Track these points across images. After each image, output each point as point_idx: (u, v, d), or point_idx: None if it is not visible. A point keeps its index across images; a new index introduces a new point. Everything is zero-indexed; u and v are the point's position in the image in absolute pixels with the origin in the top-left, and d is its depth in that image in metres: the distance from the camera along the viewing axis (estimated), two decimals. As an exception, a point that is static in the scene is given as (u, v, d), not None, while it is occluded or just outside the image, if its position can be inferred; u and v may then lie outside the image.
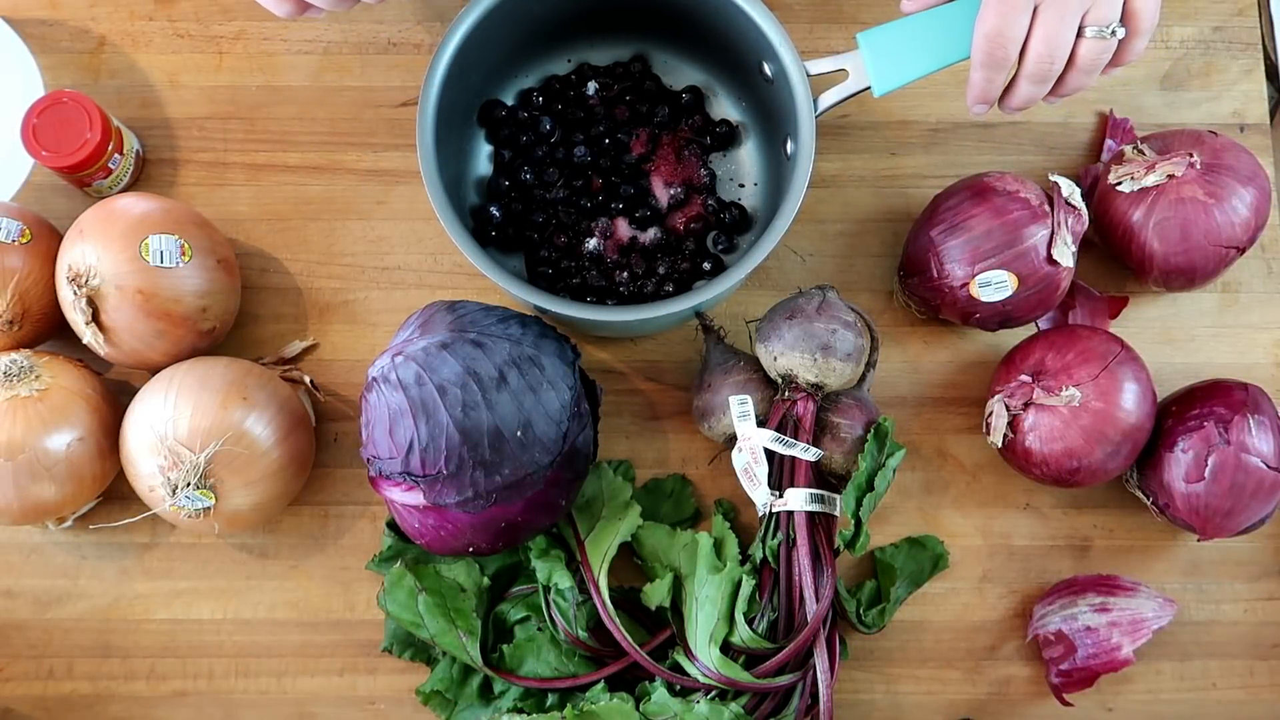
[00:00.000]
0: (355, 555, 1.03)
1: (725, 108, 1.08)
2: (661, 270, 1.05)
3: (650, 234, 1.06)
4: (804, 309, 0.96)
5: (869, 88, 0.93)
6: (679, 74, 1.09)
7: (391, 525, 1.01)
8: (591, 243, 1.06)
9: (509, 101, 1.08)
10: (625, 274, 1.05)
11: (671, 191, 1.07)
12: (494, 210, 1.06)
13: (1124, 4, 0.86)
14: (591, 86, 1.07)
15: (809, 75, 0.94)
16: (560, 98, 1.08)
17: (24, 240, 0.98)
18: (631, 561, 1.01)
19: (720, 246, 1.06)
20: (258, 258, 1.08)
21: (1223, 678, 1.03)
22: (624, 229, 1.07)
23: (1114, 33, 0.86)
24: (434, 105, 0.95)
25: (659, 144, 1.08)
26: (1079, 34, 0.87)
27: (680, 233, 1.06)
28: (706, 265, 1.06)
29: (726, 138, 1.07)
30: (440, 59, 0.95)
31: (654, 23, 1.05)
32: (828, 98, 0.94)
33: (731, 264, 1.03)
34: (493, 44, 0.99)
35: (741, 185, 1.08)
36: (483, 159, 1.08)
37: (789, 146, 1.00)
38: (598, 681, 0.96)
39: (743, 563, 0.96)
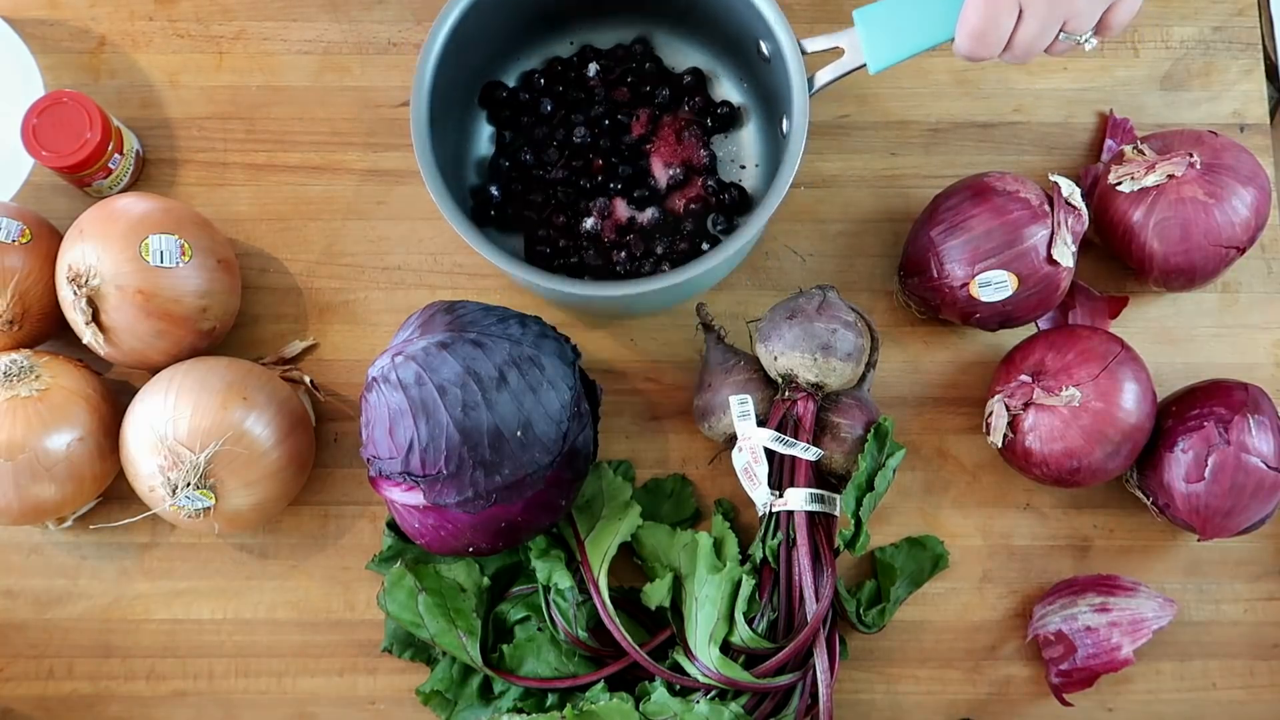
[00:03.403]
0: (355, 555, 1.03)
1: (727, 90, 1.08)
2: (659, 250, 1.05)
3: (648, 214, 1.06)
4: (804, 309, 0.96)
5: (864, 65, 0.93)
6: (682, 56, 1.09)
7: (391, 525, 1.01)
8: (589, 222, 1.06)
9: (511, 83, 1.08)
10: (623, 254, 1.05)
11: (671, 172, 1.07)
12: (493, 190, 1.06)
13: (1100, 16, 0.88)
14: (593, 68, 1.07)
15: (805, 53, 0.94)
16: (562, 79, 1.08)
17: (24, 240, 0.98)
18: (631, 561, 1.01)
19: (719, 228, 1.06)
20: (258, 258, 1.08)
21: (1223, 678, 1.03)
22: (622, 209, 1.06)
23: (1087, 41, 0.89)
24: (429, 81, 0.95)
25: (659, 125, 1.08)
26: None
27: (679, 213, 1.06)
28: (705, 246, 1.05)
29: (728, 119, 1.07)
30: (438, 32, 0.94)
31: (657, 4, 1.06)
32: (823, 75, 0.95)
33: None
34: (494, 25, 0.99)
35: (743, 167, 1.08)
36: (484, 140, 1.08)
37: (784, 124, 1.00)
38: (598, 681, 0.96)
39: (743, 563, 0.96)
